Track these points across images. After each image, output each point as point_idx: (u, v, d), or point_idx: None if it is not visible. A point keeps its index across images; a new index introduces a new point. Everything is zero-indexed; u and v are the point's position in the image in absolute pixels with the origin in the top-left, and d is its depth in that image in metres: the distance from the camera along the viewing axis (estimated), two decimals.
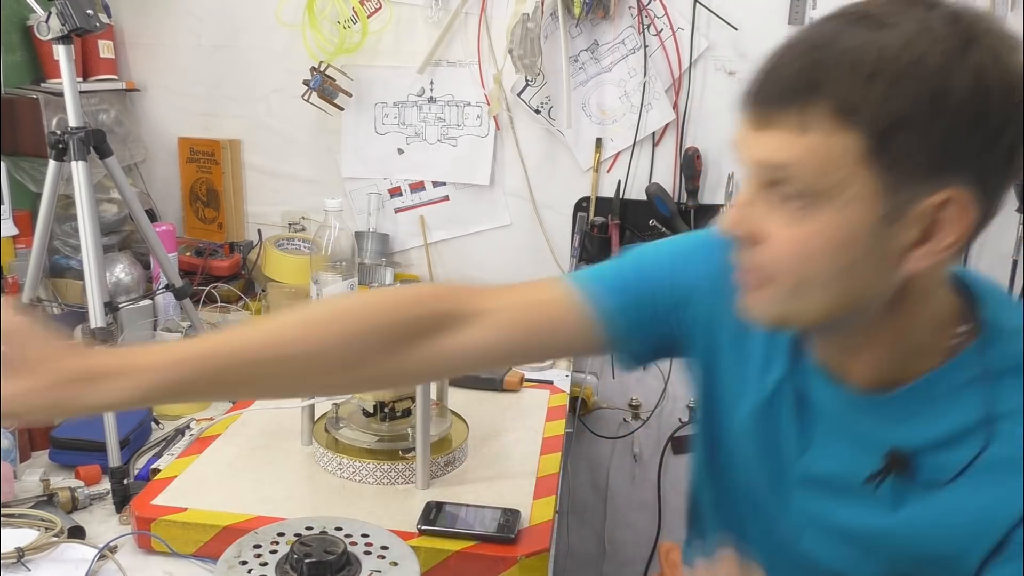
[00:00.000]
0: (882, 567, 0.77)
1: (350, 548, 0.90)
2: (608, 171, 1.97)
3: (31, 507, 1.14)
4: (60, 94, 1.33)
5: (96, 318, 1.25)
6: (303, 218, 2.07)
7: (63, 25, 1.24)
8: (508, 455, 1.29)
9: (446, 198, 2.05)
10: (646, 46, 1.87)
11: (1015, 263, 1.88)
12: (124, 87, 2.04)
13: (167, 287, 1.52)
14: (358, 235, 2.02)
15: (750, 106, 0.69)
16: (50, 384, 0.70)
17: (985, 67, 0.63)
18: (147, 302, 1.77)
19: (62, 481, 1.22)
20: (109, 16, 1.30)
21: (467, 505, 1.11)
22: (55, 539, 1.06)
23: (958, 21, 0.64)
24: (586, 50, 1.90)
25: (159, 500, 1.12)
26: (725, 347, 0.87)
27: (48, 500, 1.16)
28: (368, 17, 1.93)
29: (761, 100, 0.68)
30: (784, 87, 0.66)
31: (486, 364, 0.93)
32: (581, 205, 1.99)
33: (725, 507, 0.92)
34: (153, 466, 1.30)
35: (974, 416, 0.71)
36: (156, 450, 1.36)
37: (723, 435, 0.89)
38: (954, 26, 0.63)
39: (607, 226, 1.95)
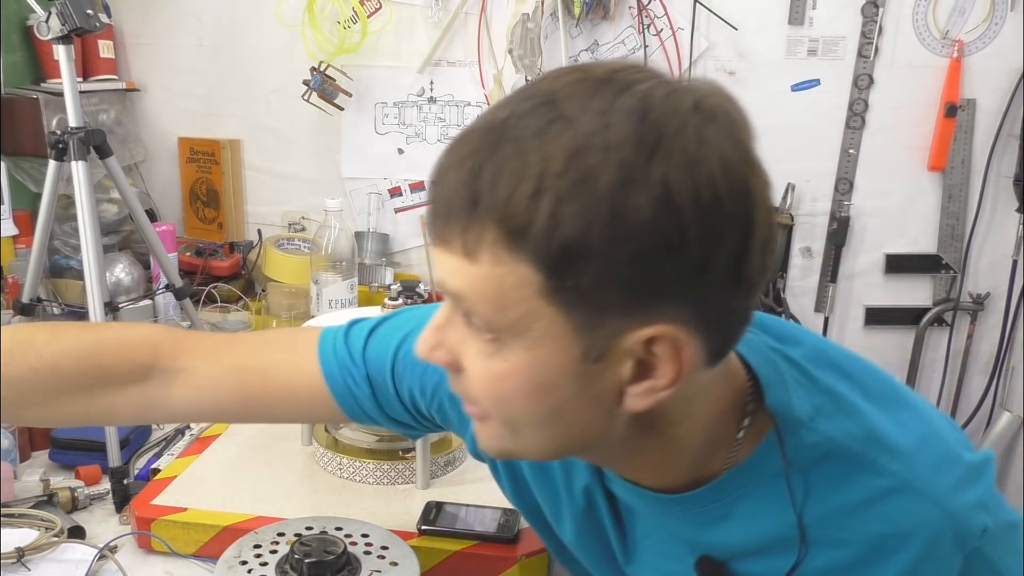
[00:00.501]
0: None
1: (350, 548, 0.90)
2: None
3: (31, 507, 1.14)
4: (60, 94, 1.33)
5: (96, 318, 1.25)
6: (303, 218, 2.07)
7: (63, 25, 1.24)
8: None
9: None
10: (646, 46, 1.87)
11: (1015, 263, 1.89)
12: (124, 87, 2.04)
13: (167, 287, 1.52)
14: (358, 235, 2.02)
15: (428, 217, 0.57)
16: None
17: (673, 178, 0.49)
18: (147, 302, 1.77)
19: (62, 481, 1.22)
20: (109, 16, 1.30)
21: (467, 505, 1.11)
22: (55, 539, 1.06)
23: (646, 115, 0.50)
24: (586, 50, 1.90)
25: (159, 500, 1.12)
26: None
27: (48, 500, 1.16)
28: (368, 17, 1.93)
29: (432, 214, 0.56)
30: (447, 202, 0.54)
31: (198, 419, 0.93)
32: None
33: None
34: (153, 466, 1.30)
35: (785, 520, 0.63)
36: (156, 450, 1.36)
37: (560, 547, 0.83)
38: (640, 124, 0.50)
39: None
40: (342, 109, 1.96)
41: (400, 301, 1.30)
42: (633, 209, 0.49)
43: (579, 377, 0.56)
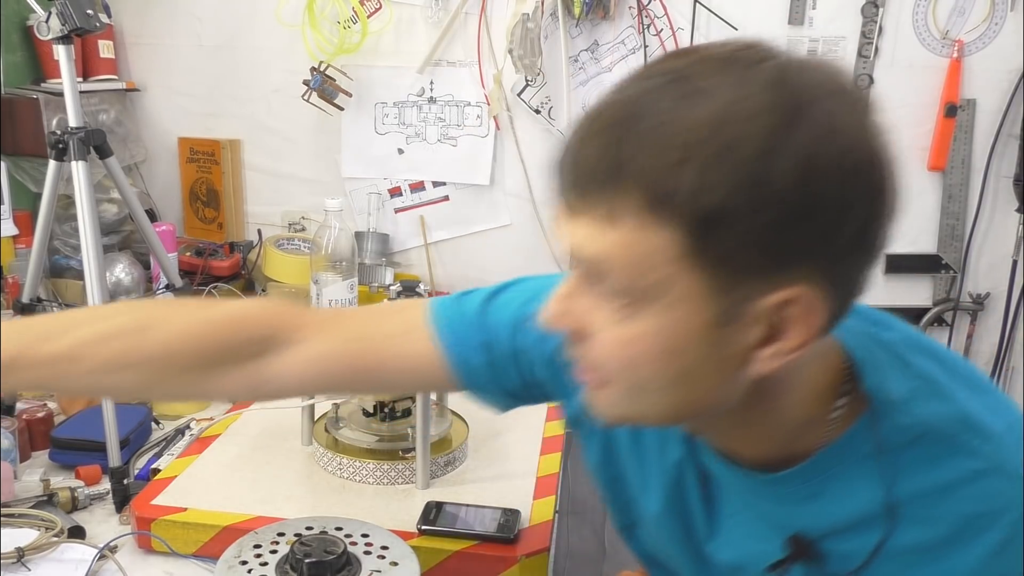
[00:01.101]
0: None
1: (350, 548, 0.90)
2: None
3: (31, 507, 1.14)
4: (60, 94, 1.33)
5: None
6: (303, 218, 2.07)
7: (63, 25, 1.24)
8: (508, 455, 1.29)
9: (446, 198, 2.05)
10: (646, 46, 1.87)
11: (1015, 263, 1.88)
12: (124, 87, 2.04)
13: (167, 287, 1.52)
14: (358, 235, 2.02)
15: (558, 189, 0.60)
16: None
17: (814, 145, 0.53)
18: None
19: (62, 481, 1.22)
20: (109, 16, 1.30)
21: (467, 505, 1.11)
22: (55, 539, 1.06)
23: (783, 86, 0.53)
24: (586, 50, 1.90)
25: (159, 500, 1.12)
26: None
27: (48, 500, 1.16)
28: (368, 17, 1.93)
29: (567, 184, 0.59)
30: (586, 172, 0.57)
31: (308, 392, 0.90)
32: None
33: None
34: (153, 466, 1.30)
35: (874, 499, 0.65)
36: (156, 450, 1.36)
37: (638, 521, 0.83)
38: (777, 94, 0.53)
39: None
40: (342, 109, 1.96)
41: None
42: (777, 175, 0.52)
43: (709, 341, 0.58)
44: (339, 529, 0.94)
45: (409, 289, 1.93)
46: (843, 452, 0.66)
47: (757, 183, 0.52)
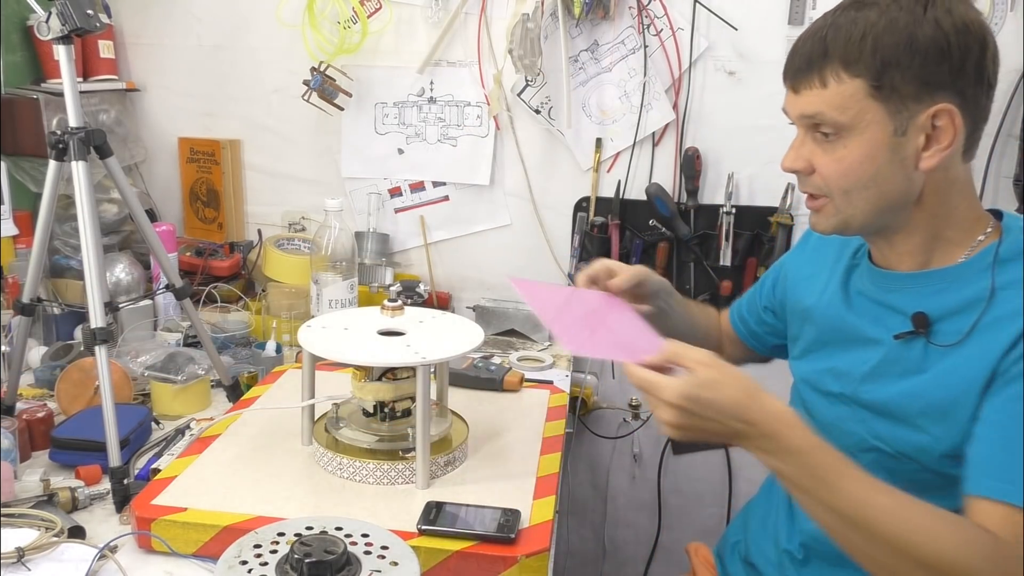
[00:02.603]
0: (908, 424, 0.98)
1: (350, 548, 0.90)
2: (608, 171, 1.97)
3: (31, 507, 1.14)
4: (60, 94, 1.33)
5: (96, 318, 1.25)
6: (303, 218, 2.07)
7: (63, 25, 1.24)
8: (508, 455, 1.29)
9: (446, 198, 2.05)
10: (646, 46, 1.87)
11: None
12: (124, 87, 2.04)
13: (167, 287, 1.51)
14: (358, 235, 2.02)
15: (787, 78, 0.99)
16: None
17: (941, 19, 0.90)
18: (147, 302, 1.77)
19: (62, 481, 1.22)
20: (109, 16, 1.30)
21: (467, 505, 1.11)
22: (55, 539, 1.06)
23: None
24: (586, 50, 1.90)
25: (159, 500, 1.12)
26: (817, 274, 1.18)
27: (48, 500, 1.16)
28: (368, 17, 1.93)
29: (793, 72, 0.98)
30: (806, 59, 0.96)
31: None
32: (581, 205, 1.99)
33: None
34: (153, 466, 1.30)
35: (984, 288, 0.94)
36: (156, 450, 1.36)
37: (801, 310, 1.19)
38: None
39: (607, 226, 1.95)
40: (342, 109, 1.96)
41: (400, 302, 1.30)
42: (920, 36, 0.90)
43: (892, 147, 0.94)
44: (339, 529, 0.94)
45: (409, 289, 1.93)
46: (974, 263, 0.97)
47: (909, 43, 0.90)
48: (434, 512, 1.09)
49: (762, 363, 1.37)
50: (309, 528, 0.94)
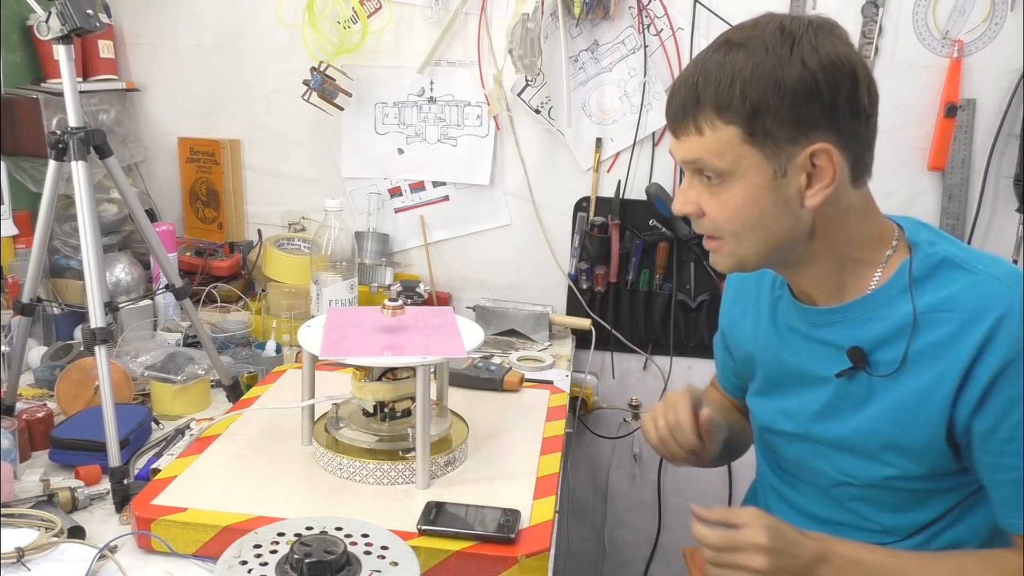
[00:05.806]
0: (872, 462, 1.01)
1: (350, 548, 0.90)
2: (608, 171, 1.97)
3: (31, 507, 1.14)
4: (60, 94, 1.32)
5: (96, 318, 1.25)
6: (303, 218, 2.07)
7: (63, 25, 1.24)
8: (508, 455, 1.29)
9: (446, 198, 2.05)
10: (646, 46, 1.87)
11: (1015, 263, 1.88)
12: (124, 87, 2.04)
13: (167, 287, 1.51)
14: (358, 235, 2.02)
15: (668, 124, 0.99)
16: None
17: (807, 58, 0.89)
18: (147, 302, 1.77)
19: (62, 481, 1.22)
20: (109, 16, 1.30)
21: (467, 505, 1.11)
22: (55, 539, 1.06)
23: (784, 31, 0.91)
24: (586, 50, 1.90)
25: (159, 500, 1.12)
26: (744, 317, 1.19)
27: (48, 500, 1.16)
28: (368, 17, 1.93)
29: (671, 119, 0.98)
30: (681, 106, 0.95)
31: None
32: (581, 205, 1.99)
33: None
34: (153, 466, 1.30)
35: (906, 313, 0.96)
36: (156, 450, 1.36)
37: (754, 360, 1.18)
38: (781, 35, 0.91)
39: (607, 226, 1.95)
40: (342, 109, 1.96)
41: (400, 302, 1.30)
42: (787, 78, 0.89)
43: (774, 189, 0.94)
44: (339, 529, 0.94)
45: (409, 289, 1.93)
46: (891, 286, 0.98)
47: (777, 85, 0.89)
48: (434, 512, 1.08)
49: None
50: (309, 528, 0.94)
